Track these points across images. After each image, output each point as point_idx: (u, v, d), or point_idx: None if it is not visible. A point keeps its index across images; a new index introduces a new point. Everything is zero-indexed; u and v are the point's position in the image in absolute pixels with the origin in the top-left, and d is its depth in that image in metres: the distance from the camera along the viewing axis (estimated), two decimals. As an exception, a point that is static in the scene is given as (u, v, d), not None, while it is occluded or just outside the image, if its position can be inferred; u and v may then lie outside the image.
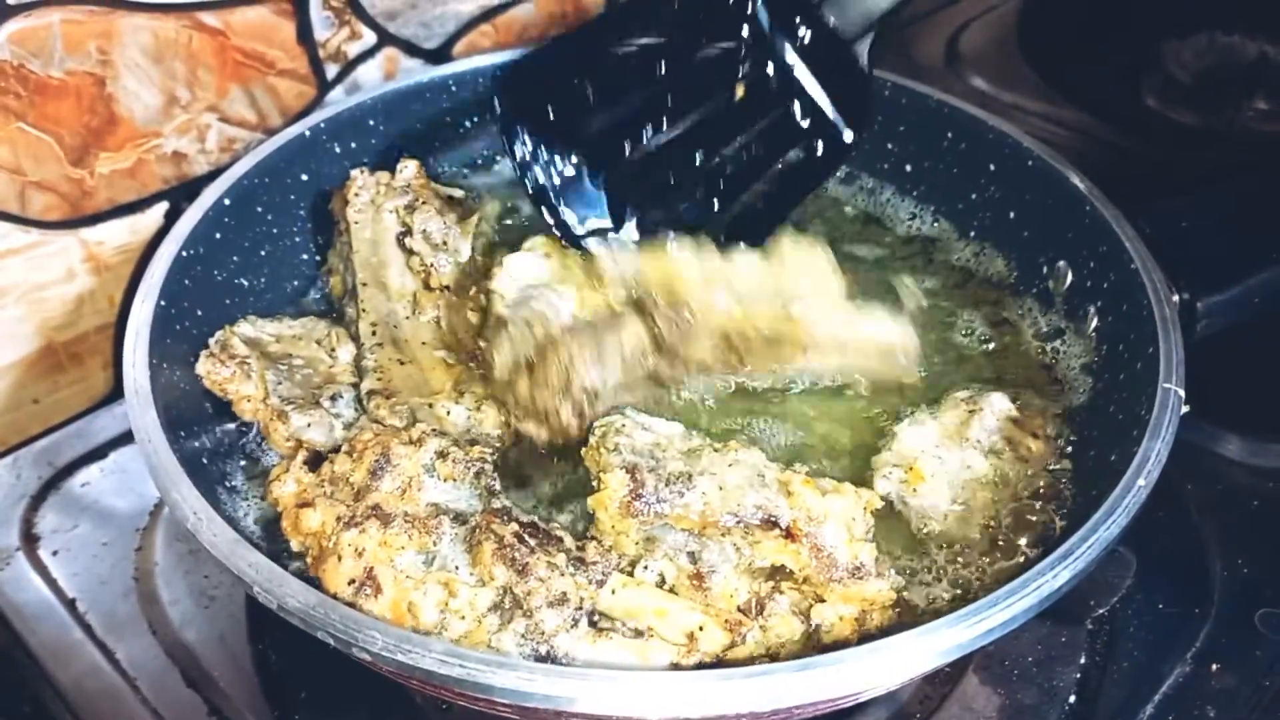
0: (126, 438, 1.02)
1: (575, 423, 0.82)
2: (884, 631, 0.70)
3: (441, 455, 0.76)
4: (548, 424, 0.82)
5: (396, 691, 0.83)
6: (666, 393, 0.86)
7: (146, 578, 0.91)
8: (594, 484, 0.75)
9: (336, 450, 0.78)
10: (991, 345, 0.96)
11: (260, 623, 0.87)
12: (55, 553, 0.92)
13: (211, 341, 0.86)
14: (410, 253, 0.97)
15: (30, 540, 0.94)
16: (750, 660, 0.70)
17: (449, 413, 0.85)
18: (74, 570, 0.91)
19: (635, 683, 0.60)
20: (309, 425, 0.81)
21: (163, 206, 1.06)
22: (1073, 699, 0.83)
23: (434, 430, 0.79)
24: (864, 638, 0.71)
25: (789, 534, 0.71)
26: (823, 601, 0.72)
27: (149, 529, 0.94)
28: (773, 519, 0.71)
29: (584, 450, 0.78)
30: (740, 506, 0.72)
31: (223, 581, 0.90)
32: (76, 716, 0.82)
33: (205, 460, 0.79)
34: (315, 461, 0.79)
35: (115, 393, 1.09)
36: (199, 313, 0.87)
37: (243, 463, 0.84)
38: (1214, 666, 0.86)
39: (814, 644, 0.72)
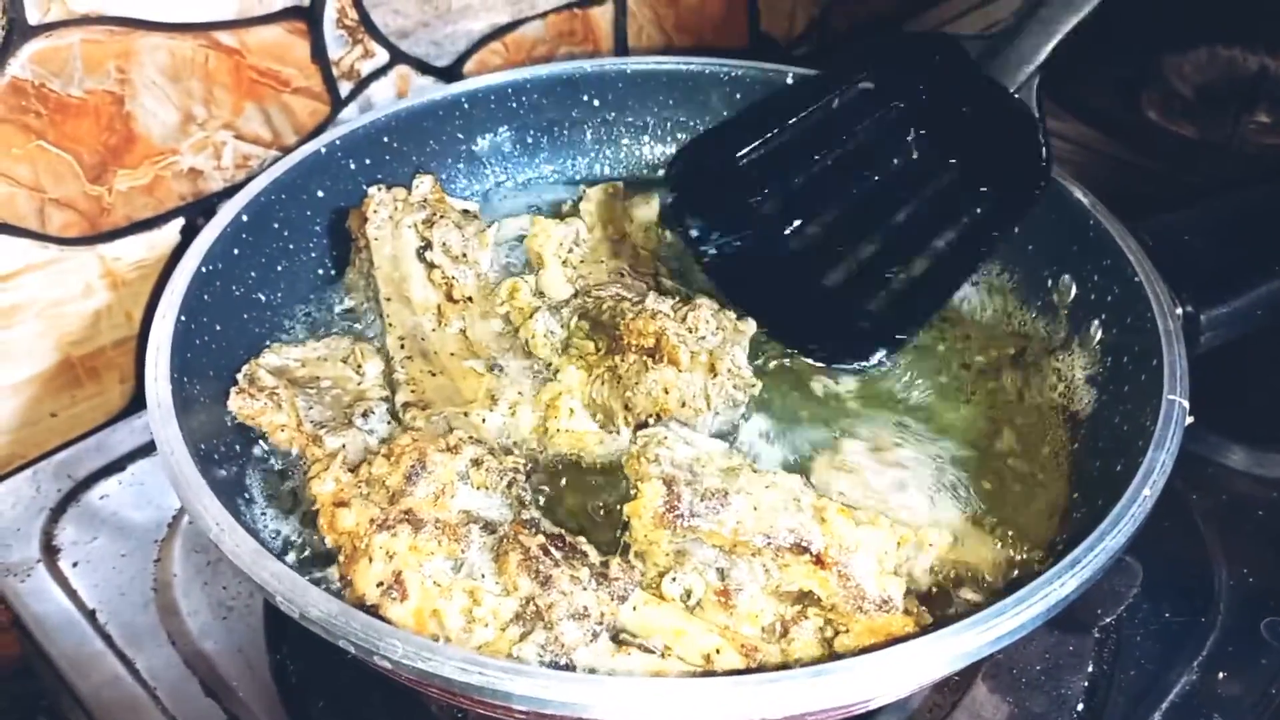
0: (144, 451, 1.03)
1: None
2: (895, 639, 0.71)
3: (476, 463, 0.77)
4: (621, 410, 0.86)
5: (413, 701, 0.84)
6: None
7: (165, 589, 0.92)
8: (632, 492, 0.76)
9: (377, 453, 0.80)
10: (995, 357, 0.97)
11: (278, 633, 0.87)
12: (75, 564, 0.93)
13: (239, 377, 0.88)
14: (431, 266, 0.99)
15: (50, 552, 0.94)
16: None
17: (484, 420, 0.87)
18: (94, 581, 0.92)
19: (649, 689, 0.61)
20: (343, 446, 0.82)
21: (179, 223, 1.07)
22: (1080, 707, 0.84)
23: (470, 438, 0.80)
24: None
25: (819, 560, 0.72)
26: (847, 632, 0.72)
27: (167, 541, 0.95)
28: (804, 544, 0.72)
29: (624, 458, 0.80)
30: (773, 528, 0.72)
31: (241, 592, 0.91)
32: (97, 726, 0.83)
33: (225, 472, 0.80)
34: (354, 463, 0.80)
35: (132, 407, 1.10)
36: (218, 327, 0.88)
37: (260, 475, 0.85)
38: (1220, 675, 0.87)
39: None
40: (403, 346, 0.92)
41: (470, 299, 0.98)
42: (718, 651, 0.70)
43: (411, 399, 0.87)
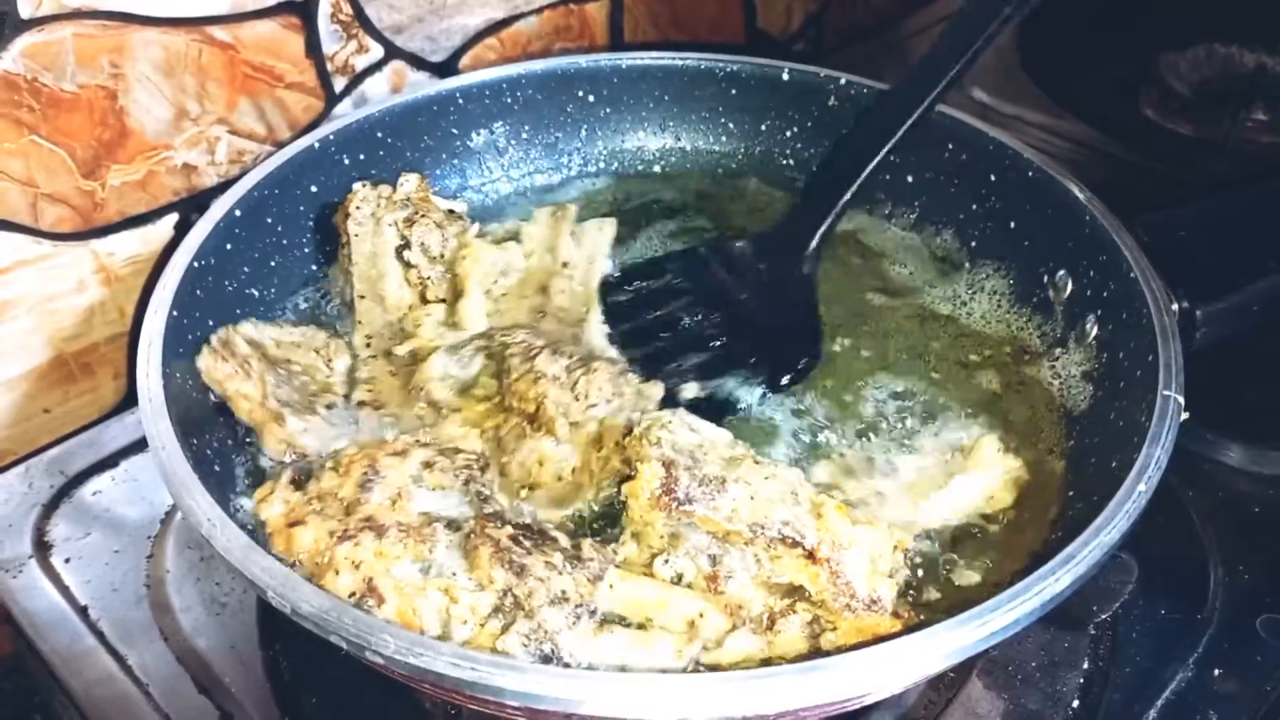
0: (137, 447, 1.03)
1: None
2: (888, 635, 0.70)
3: (427, 465, 0.76)
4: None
5: (406, 696, 0.83)
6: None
7: (158, 585, 0.91)
8: (631, 473, 0.76)
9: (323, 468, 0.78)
10: (991, 354, 0.97)
11: (271, 629, 0.87)
12: (67, 560, 0.93)
13: (213, 338, 0.86)
14: (408, 265, 0.98)
15: (42, 548, 0.94)
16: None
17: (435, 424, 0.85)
18: (86, 578, 0.92)
19: (643, 684, 0.61)
20: (305, 430, 0.81)
21: (173, 218, 1.07)
22: (1076, 704, 0.84)
23: (417, 441, 0.79)
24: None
25: (811, 555, 0.72)
26: (834, 630, 0.72)
27: (160, 537, 0.95)
28: (796, 537, 0.72)
29: (627, 439, 0.79)
30: (767, 519, 0.72)
31: (234, 589, 0.90)
32: (89, 722, 0.83)
33: (217, 467, 0.80)
34: (300, 481, 0.78)
35: (125, 403, 1.10)
36: (210, 323, 0.88)
37: (251, 469, 0.84)
38: (1216, 672, 0.86)
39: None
40: (368, 345, 0.92)
41: (443, 301, 0.97)
42: (701, 616, 0.70)
43: (367, 399, 0.86)
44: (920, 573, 0.79)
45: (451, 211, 1.05)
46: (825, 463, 0.85)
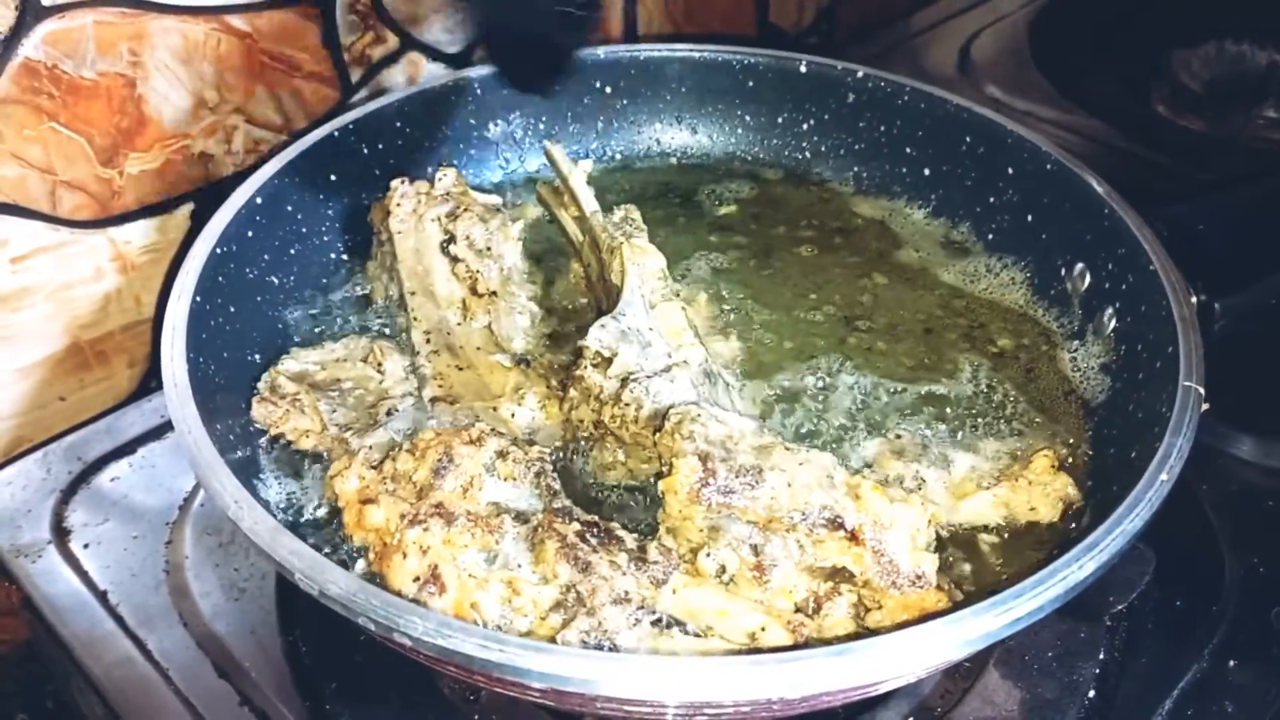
0: (154, 434, 1.03)
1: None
2: (928, 615, 0.70)
3: (501, 455, 0.77)
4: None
5: (425, 681, 0.83)
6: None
7: (177, 570, 0.91)
8: (665, 468, 0.76)
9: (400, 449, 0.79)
10: (1010, 345, 0.98)
11: (290, 614, 0.87)
12: (86, 546, 0.93)
13: (260, 386, 0.88)
14: (455, 260, 0.98)
15: (61, 534, 0.94)
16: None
17: (513, 415, 0.86)
18: (105, 563, 0.92)
19: (665, 667, 0.61)
20: (371, 447, 0.81)
21: (189, 207, 1.07)
22: (1092, 693, 0.84)
23: (493, 430, 0.79)
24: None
25: (853, 537, 0.72)
26: (880, 608, 0.72)
27: (178, 523, 0.95)
28: (838, 520, 0.72)
29: (658, 435, 0.79)
30: (807, 505, 0.72)
31: (253, 574, 0.90)
32: (109, 706, 0.82)
33: (239, 453, 0.80)
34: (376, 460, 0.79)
35: (139, 391, 1.10)
36: (231, 309, 0.88)
37: (273, 454, 0.85)
38: (1231, 663, 0.87)
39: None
40: (428, 341, 0.92)
41: (494, 293, 0.97)
42: (763, 629, 0.70)
43: (440, 394, 0.86)
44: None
45: (490, 204, 1.06)
46: (879, 439, 0.86)
